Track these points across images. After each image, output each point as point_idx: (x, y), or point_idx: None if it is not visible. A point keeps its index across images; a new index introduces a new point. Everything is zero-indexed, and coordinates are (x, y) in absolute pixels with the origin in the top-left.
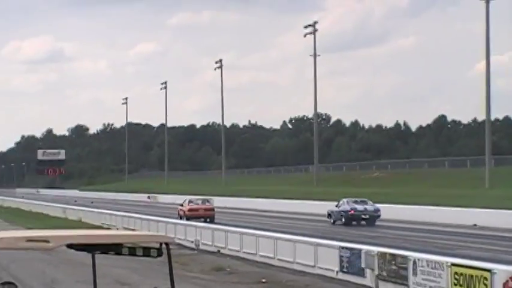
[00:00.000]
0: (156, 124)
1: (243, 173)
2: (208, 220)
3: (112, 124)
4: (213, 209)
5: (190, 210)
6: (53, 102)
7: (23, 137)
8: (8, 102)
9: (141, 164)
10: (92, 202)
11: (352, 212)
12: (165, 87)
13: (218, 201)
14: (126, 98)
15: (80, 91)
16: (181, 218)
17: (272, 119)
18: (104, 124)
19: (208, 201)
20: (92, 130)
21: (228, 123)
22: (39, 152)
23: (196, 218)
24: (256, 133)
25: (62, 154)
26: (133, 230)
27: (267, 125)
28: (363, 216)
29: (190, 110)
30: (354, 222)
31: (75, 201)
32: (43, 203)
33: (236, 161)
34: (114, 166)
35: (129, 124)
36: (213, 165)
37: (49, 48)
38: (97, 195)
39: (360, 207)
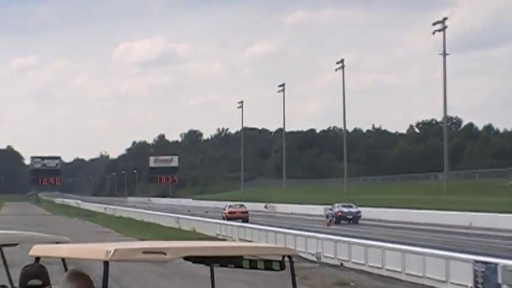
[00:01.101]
0: (273, 129)
1: (366, 181)
2: (242, 220)
3: (227, 129)
4: (247, 212)
5: (229, 212)
6: (165, 106)
7: (134, 143)
8: (119, 107)
9: (258, 172)
10: (207, 212)
11: (339, 213)
12: (283, 90)
13: None
14: (242, 102)
15: (193, 94)
16: (223, 219)
17: (397, 123)
18: (218, 129)
19: (243, 205)
20: (206, 135)
21: (349, 128)
22: (151, 159)
23: (234, 219)
24: (381, 138)
25: (174, 161)
26: (250, 241)
27: (391, 129)
28: (348, 217)
29: (309, 113)
30: (343, 221)
31: (189, 210)
32: (155, 212)
33: (359, 168)
34: (228, 174)
35: (244, 129)
36: (334, 173)
37: (161, 49)
38: (211, 204)
39: (345, 209)
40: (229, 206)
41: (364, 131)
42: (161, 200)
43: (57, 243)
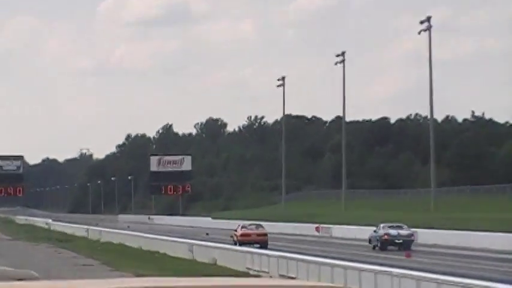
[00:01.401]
0: (328, 118)
1: (463, 192)
2: (259, 246)
3: (261, 118)
4: (265, 234)
5: (242, 235)
6: (173, 84)
7: (128, 137)
8: (107, 85)
9: (306, 179)
10: (207, 234)
11: (386, 237)
12: (342, 62)
13: (423, 236)
14: (283, 79)
15: (213, 67)
16: (235, 244)
17: (509, 110)
18: (249, 118)
19: (261, 226)
20: (231, 127)
21: (438, 117)
22: (153, 160)
23: (248, 243)
24: (484, 131)
25: (187, 163)
26: (293, 278)
27: (500, 119)
28: (396, 241)
29: (381, 96)
30: (391, 247)
31: (207, 234)
32: (159, 236)
33: (452, 173)
34: (264, 182)
35: (287, 118)
36: (415, 181)
37: (167, 3)
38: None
39: (393, 232)
40: (242, 227)
41: (460, 120)
42: (167, 218)
43: (21, 280)
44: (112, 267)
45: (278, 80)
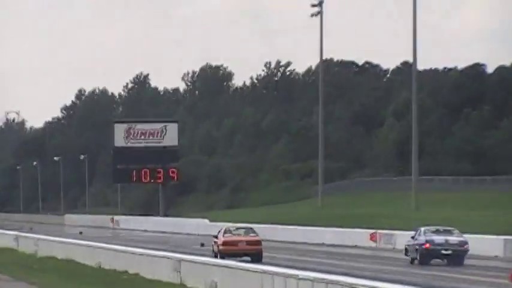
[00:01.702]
0: (390, 65)
1: None
2: (251, 259)
3: (286, 65)
4: (259, 242)
5: (226, 243)
6: (150, 13)
7: (80, 94)
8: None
9: (355, 159)
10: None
11: (427, 245)
12: None
13: None
14: (320, 3)
15: None
16: (215, 256)
17: None
18: (267, 65)
19: (252, 230)
20: (239, 78)
21: None
22: (119, 129)
23: (234, 255)
24: None
25: (170, 134)
26: None
27: None
28: (444, 252)
29: (469, 33)
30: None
31: (202, 244)
32: (130, 248)
33: None
34: (289, 164)
35: (326, 64)
36: None
37: None
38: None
39: (439, 239)
40: (226, 232)
41: None
42: (141, 221)
43: None
44: None
45: (312, 6)
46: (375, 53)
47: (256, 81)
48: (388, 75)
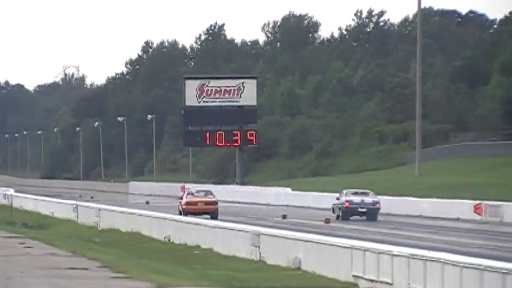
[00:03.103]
0: (494, 14)
1: None
2: (209, 217)
3: (379, 14)
4: (215, 203)
5: (188, 204)
6: None
7: (147, 47)
8: None
9: (456, 121)
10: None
11: (347, 204)
12: None
13: None
14: None
15: None
16: (180, 214)
17: None
18: (358, 13)
19: (210, 192)
20: (326, 29)
21: None
22: (190, 86)
23: (194, 213)
24: None
25: (248, 92)
26: None
27: None
28: (360, 210)
29: None
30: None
31: (284, 216)
32: (201, 220)
33: None
34: (383, 126)
35: (423, 12)
36: None
37: None
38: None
39: (356, 199)
40: (188, 194)
41: None
42: (218, 190)
43: None
44: (119, 272)
45: None
46: (480, 1)
47: (345, 32)
48: (494, 26)
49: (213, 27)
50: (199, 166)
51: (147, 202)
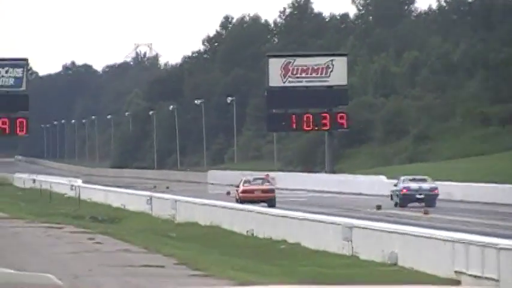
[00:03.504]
0: None
1: None
2: (267, 205)
3: None
4: (272, 191)
5: (244, 192)
6: None
7: (227, 22)
8: None
9: None
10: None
11: (404, 191)
12: None
13: None
14: None
15: None
16: (237, 202)
17: None
18: None
19: (268, 181)
20: None
21: None
22: (274, 65)
23: (252, 201)
24: None
25: (338, 70)
26: None
27: None
28: (418, 196)
29: None
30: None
31: (379, 207)
32: (289, 212)
33: None
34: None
35: None
36: None
37: None
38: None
39: (414, 185)
40: (245, 182)
41: None
42: (303, 179)
43: None
44: (197, 270)
45: None
46: None
47: (444, 3)
48: None
49: (298, 0)
50: (285, 153)
51: (228, 193)
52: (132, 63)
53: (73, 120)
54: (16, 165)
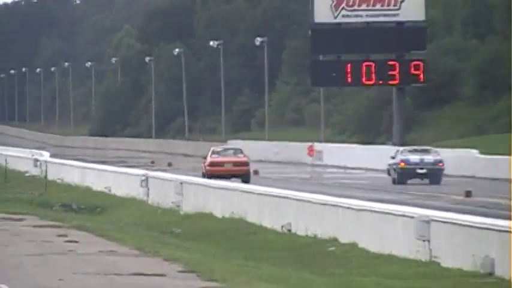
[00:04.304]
0: None
1: None
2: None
3: None
4: (246, 163)
5: (212, 164)
6: None
7: None
8: None
9: None
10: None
11: (402, 164)
12: None
13: None
14: None
15: None
16: (203, 177)
17: None
18: None
19: (240, 150)
20: None
21: None
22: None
23: (220, 176)
24: None
25: (412, 3)
26: None
27: None
28: (419, 171)
29: None
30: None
31: (468, 193)
32: (336, 200)
33: None
34: None
35: None
36: None
37: None
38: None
39: (414, 158)
40: (213, 153)
41: None
42: (359, 153)
43: None
44: (211, 281)
45: None
46: None
47: None
48: None
49: None
50: (337, 117)
51: (256, 172)
52: None
53: (38, 69)
54: None
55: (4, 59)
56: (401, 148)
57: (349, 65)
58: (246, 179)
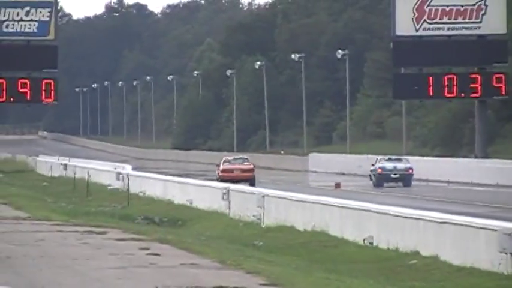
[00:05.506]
0: None
1: None
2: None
3: None
4: (251, 170)
5: (224, 171)
6: None
7: None
8: None
9: None
10: None
11: (379, 170)
12: None
13: None
14: None
15: None
16: (217, 181)
17: None
18: None
19: (247, 159)
20: None
21: None
22: (402, 4)
23: (231, 180)
24: None
25: (493, 16)
26: None
27: None
28: (393, 176)
29: None
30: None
31: None
32: (421, 213)
33: None
34: None
35: None
36: None
37: None
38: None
39: (389, 165)
40: (225, 161)
41: None
42: (442, 166)
43: None
44: None
45: None
46: None
47: None
48: None
49: None
50: (419, 130)
51: (337, 185)
52: (203, 1)
53: (120, 82)
54: (40, 144)
55: (86, 73)
56: (379, 157)
57: (430, 78)
58: (252, 183)
